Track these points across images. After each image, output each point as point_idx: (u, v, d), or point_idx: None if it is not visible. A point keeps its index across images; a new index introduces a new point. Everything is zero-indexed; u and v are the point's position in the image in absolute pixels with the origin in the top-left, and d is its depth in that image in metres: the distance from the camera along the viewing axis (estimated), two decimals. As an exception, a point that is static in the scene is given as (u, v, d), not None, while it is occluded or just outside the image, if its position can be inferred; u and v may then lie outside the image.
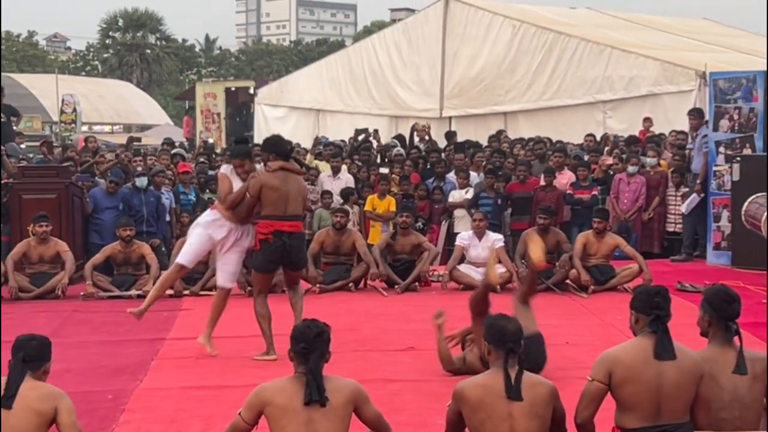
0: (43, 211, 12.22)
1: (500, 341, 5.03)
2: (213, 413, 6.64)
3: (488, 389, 4.95)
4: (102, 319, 10.52)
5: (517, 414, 4.89)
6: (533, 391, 4.96)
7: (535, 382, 5.03)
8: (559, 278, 11.82)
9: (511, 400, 4.89)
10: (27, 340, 5.13)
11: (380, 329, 9.78)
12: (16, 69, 68.17)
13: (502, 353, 5.00)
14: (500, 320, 5.16)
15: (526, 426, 4.89)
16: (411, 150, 17.16)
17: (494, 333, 5.09)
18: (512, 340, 5.03)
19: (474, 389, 5.00)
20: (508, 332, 5.05)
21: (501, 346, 5.02)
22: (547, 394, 5.01)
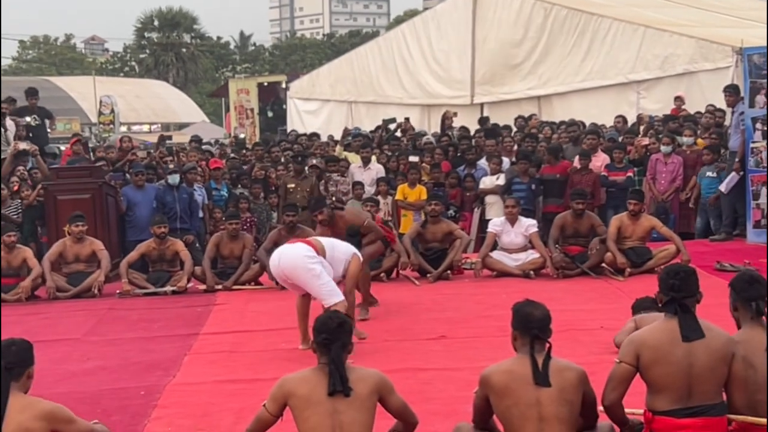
0: (78, 211, 12.31)
1: (526, 327, 4.97)
2: (244, 406, 6.62)
3: (515, 375, 4.90)
4: (137, 317, 10.57)
5: (546, 400, 4.83)
6: (562, 377, 4.89)
7: (563, 368, 4.96)
8: (594, 262, 11.70)
9: (539, 386, 4.83)
10: (7, 346, 4.86)
11: (412, 318, 9.73)
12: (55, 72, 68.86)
13: (528, 339, 4.94)
14: (526, 306, 5.10)
15: (555, 412, 4.83)
16: (442, 138, 17.08)
17: (520, 319, 5.03)
18: (538, 326, 4.96)
19: (500, 375, 4.94)
20: (534, 318, 5.00)
21: (526, 332, 4.96)
22: (575, 379, 4.94)
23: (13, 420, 4.66)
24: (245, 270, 12.02)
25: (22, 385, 4.83)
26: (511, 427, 4.89)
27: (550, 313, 5.10)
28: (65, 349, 8.93)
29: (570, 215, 11.94)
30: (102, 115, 38.27)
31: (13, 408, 4.69)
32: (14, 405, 4.71)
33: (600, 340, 8.24)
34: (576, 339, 8.53)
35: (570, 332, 8.77)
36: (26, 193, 13.60)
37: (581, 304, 10.22)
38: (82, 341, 9.42)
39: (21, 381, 4.82)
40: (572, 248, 11.92)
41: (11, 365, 4.77)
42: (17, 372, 4.80)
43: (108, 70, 74.04)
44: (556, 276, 11.64)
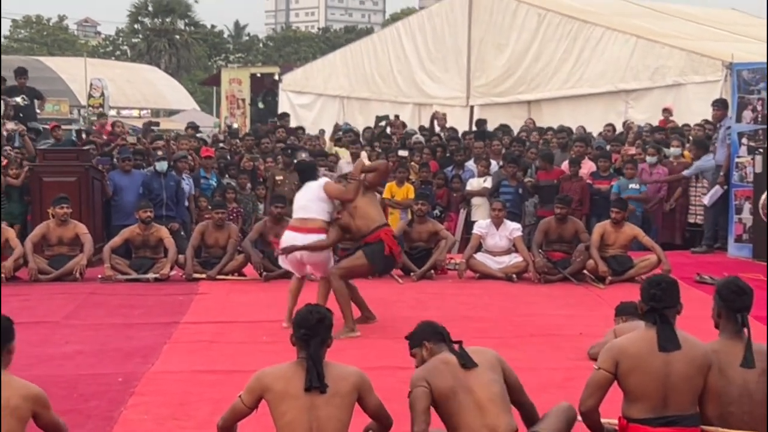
0: (64, 193, 12.29)
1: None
2: (222, 397, 6.60)
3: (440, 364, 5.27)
4: (119, 302, 10.56)
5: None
6: (481, 355, 5.28)
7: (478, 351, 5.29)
8: (575, 268, 11.75)
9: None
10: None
11: (394, 316, 9.73)
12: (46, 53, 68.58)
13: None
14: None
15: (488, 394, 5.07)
16: (431, 138, 17.12)
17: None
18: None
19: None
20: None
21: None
22: (492, 356, 5.29)
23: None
24: (229, 260, 12.03)
25: (3, 362, 4.79)
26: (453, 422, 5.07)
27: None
28: (44, 332, 8.92)
29: (554, 220, 12.00)
30: (92, 98, 38.20)
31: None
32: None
33: (579, 347, 8.28)
34: (555, 344, 8.59)
35: (549, 337, 8.85)
36: (14, 171, 13.56)
37: (561, 309, 10.27)
38: (61, 325, 9.41)
39: (1, 357, 4.79)
40: (555, 254, 11.98)
41: None
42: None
43: (100, 53, 73.79)
44: (537, 280, 11.68)
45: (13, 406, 4.67)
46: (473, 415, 4.95)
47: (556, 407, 5.27)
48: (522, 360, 7.56)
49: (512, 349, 8.09)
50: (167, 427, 6.21)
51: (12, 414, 4.65)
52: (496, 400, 4.98)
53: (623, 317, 7.89)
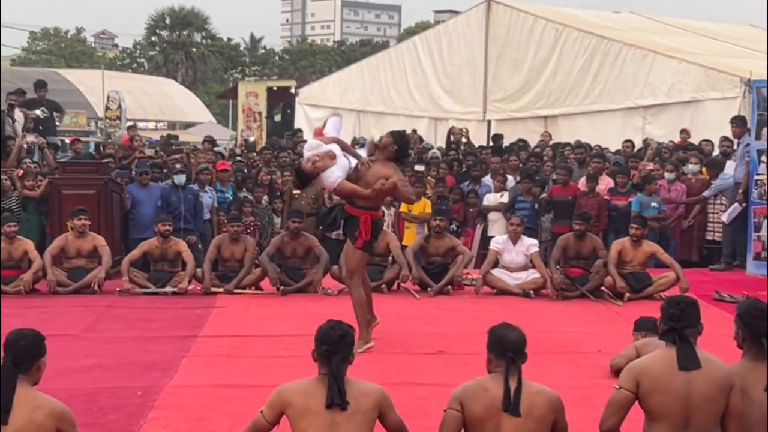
0: (82, 206, 12.34)
1: (501, 350, 4.99)
2: (241, 412, 6.64)
3: (487, 395, 4.91)
4: (137, 315, 10.59)
5: (508, 424, 4.84)
6: (531, 402, 4.90)
7: (534, 392, 4.97)
8: (593, 285, 11.74)
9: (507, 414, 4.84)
10: (15, 340, 4.82)
11: (411, 332, 9.75)
12: (64, 65, 68.92)
13: (503, 362, 4.95)
14: (502, 329, 5.10)
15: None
16: (448, 152, 17.12)
17: (495, 341, 5.05)
18: (513, 350, 4.97)
19: (476, 389, 4.96)
20: (509, 341, 5.00)
21: (501, 355, 4.98)
22: (544, 405, 4.96)
23: (23, 414, 4.65)
24: (247, 274, 12.05)
25: (31, 378, 4.82)
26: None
27: (525, 336, 5.07)
28: (63, 345, 8.91)
29: (572, 237, 11.99)
30: (109, 110, 38.34)
31: (25, 401, 4.68)
32: (25, 398, 4.70)
33: (597, 364, 8.27)
34: (573, 361, 8.58)
35: (567, 354, 8.84)
36: (30, 182, 13.63)
37: (579, 326, 10.26)
38: (80, 337, 9.44)
39: (30, 373, 4.81)
40: (573, 270, 11.97)
41: (19, 360, 4.75)
42: (27, 366, 4.78)
43: (117, 66, 74.11)
44: (555, 297, 11.67)
45: (39, 424, 4.68)
46: None
47: None
48: (540, 377, 7.48)
49: (530, 366, 7.98)
50: (187, 441, 6.22)
51: (37, 431, 4.67)
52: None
53: (642, 333, 7.88)
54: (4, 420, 4.60)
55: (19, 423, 4.63)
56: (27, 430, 4.64)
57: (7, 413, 4.62)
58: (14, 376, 4.71)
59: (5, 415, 4.61)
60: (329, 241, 13.67)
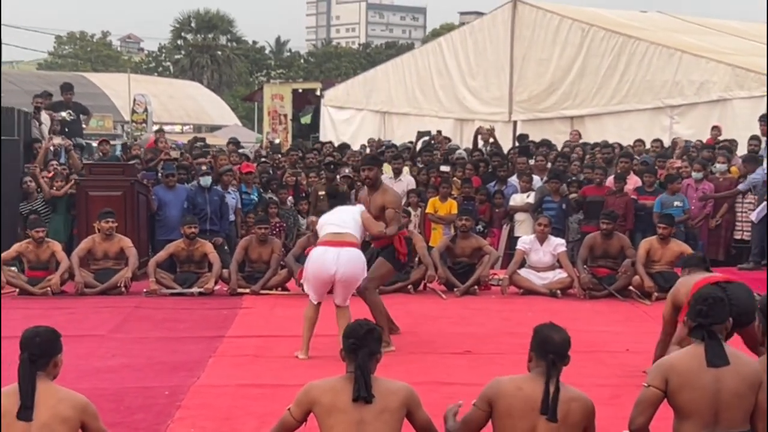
0: (109, 207, 12.39)
1: (543, 351, 4.90)
2: (267, 412, 6.63)
3: (522, 394, 4.84)
4: (163, 316, 10.63)
5: (543, 426, 4.78)
6: (567, 407, 4.83)
7: (571, 398, 4.89)
8: (621, 284, 11.68)
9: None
10: (31, 337, 4.80)
11: (437, 332, 9.74)
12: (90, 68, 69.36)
13: (543, 363, 4.88)
14: (547, 329, 5.00)
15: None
16: (473, 153, 17.09)
17: (539, 342, 4.96)
18: (556, 351, 4.89)
19: (510, 386, 4.89)
20: (554, 342, 4.92)
21: (543, 356, 4.89)
22: (580, 412, 4.89)
23: (48, 408, 4.66)
24: (273, 275, 12.07)
25: (49, 374, 4.82)
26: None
27: (569, 339, 4.99)
28: (90, 345, 8.98)
29: (599, 236, 11.93)
30: (135, 113, 38.55)
31: (47, 396, 4.69)
32: (47, 393, 4.71)
33: (625, 363, 8.22)
34: (600, 360, 8.53)
35: (595, 354, 8.77)
36: (59, 183, 13.73)
37: (607, 325, 10.21)
38: (107, 338, 9.48)
39: (47, 370, 4.81)
40: (600, 269, 11.91)
41: (35, 357, 4.75)
42: (43, 363, 4.78)
43: (143, 69, 74.49)
44: (582, 297, 11.62)
45: (64, 417, 4.69)
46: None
47: None
48: (567, 377, 7.45)
49: (558, 366, 8.05)
50: (214, 441, 6.22)
51: (63, 424, 4.68)
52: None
53: (688, 269, 7.79)
54: (28, 416, 4.62)
55: (44, 418, 4.64)
56: (52, 424, 4.65)
57: (30, 409, 4.63)
58: (32, 374, 4.72)
59: (27, 411, 4.62)
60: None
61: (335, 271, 8.52)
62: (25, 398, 4.64)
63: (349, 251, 8.59)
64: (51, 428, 4.64)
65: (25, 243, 12.16)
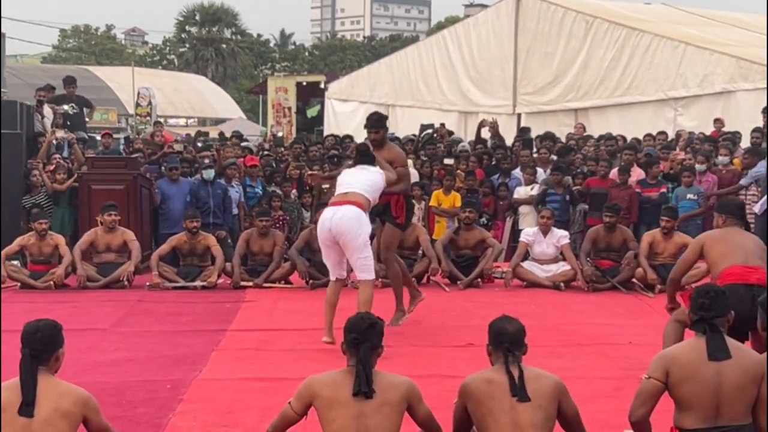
0: (112, 201, 12.38)
1: (498, 342, 4.98)
2: (269, 405, 6.62)
3: (493, 384, 4.89)
4: (166, 310, 10.63)
5: (519, 406, 4.81)
6: (537, 383, 4.88)
7: (538, 375, 4.95)
8: (624, 277, 11.66)
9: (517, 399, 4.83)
10: (32, 332, 4.80)
11: (440, 325, 9.73)
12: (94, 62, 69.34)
13: (501, 354, 4.95)
14: (500, 321, 5.09)
15: (529, 418, 4.80)
16: (477, 145, 17.05)
17: (493, 334, 5.05)
18: (510, 341, 4.95)
19: (478, 383, 4.96)
20: (506, 333, 4.98)
21: (499, 346, 4.97)
22: (550, 387, 4.92)
23: (49, 403, 4.66)
24: (276, 268, 12.06)
25: (51, 368, 4.82)
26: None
27: (524, 328, 5.06)
28: (93, 339, 8.98)
29: (603, 229, 11.91)
30: (139, 106, 38.49)
31: (48, 391, 4.69)
32: (49, 388, 4.70)
33: (628, 356, 8.21)
34: (604, 353, 8.52)
35: (598, 346, 8.78)
36: (61, 176, 13.73)
37: (610, 318, 10.19)
38: (110, 332, 9.47)
39: (49, 364, 4.81)
40: (604, 262, 11.90)
41: (36, 352, 4.74)
42: (45, 357, 4.78)
43: (147, 63, 74.50)
44: (586, 289, 11.61)
45: (65, 411, 4.69)
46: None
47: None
48: (571, 369, 7.51)
49: (560, 359, 8.04)
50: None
51: (64, 419, 4.68)
52: (537, 425, 4.82)
53: (723, 216, 7.47)
54: (29, 412, 4.61)
55: (46, 413, 4.63)
56: (53, 419, 4.64)
57: (31, 405, 4.62)
58: (34, 369, 4.71)
59: (29, 407, 4.62)
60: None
61: (329, 228, 8.48)
62: (26, 394, 4.64)
63: (345, 208, 8.48)
64: (52, 424, 4.64)
65: (28, 236, 12.17)
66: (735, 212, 7.54)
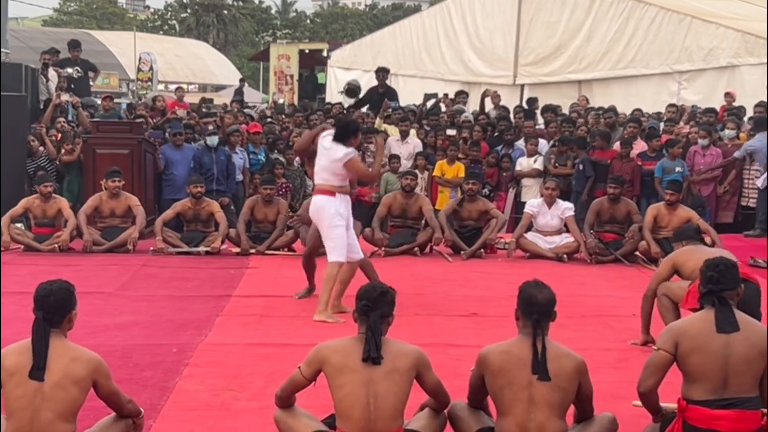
0: (116, 166, 12.39)
1: (528, 310, 4.90)
2: (275, 370, 6.66)
3: (511, 356, 4.86)
4: (170, 275, 10.65)
5: (538, 383, 4.80)
6: (558, 363, 4.84)
7: (561, 354, 4.89)
8: (628, 249, 11.69)
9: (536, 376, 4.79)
10: (45, 296, 4.76)
11: (443, 294, 9.75)
12: (96, 26, 69.00)
13: (529, 323, 4.88)
14: (531, 288, 4.98)
15: (546, 396, 4.79)
16: (479, 116, 17.02)
17: (523, 300, 4.95)
18: (540, 311, 4.88)
19: (497, 355, 4.92)
20: (537, 302, 4.91)
21: (528, 315, 4.89)
22: (572, 368, 4.87)
23: (60, 368, 4.66)
24: (279, 235, 12.08)
25: (63, 330, 4.81)
26: (502, 406, 4.88)
27: (554, 296, 4.97)
28: (98, 303, 9.00)
29: (606, 201, 11.92)
30: (140, 71, 38.38)
31: (60, 355, 4.69)
32: (61, 352, 4.70)
33: (631, 327, 8.23)
34: (607, 325, 8.57)
35: (601, 318, 8.82)
36: (68, 146, 13.72)
37: (613, 290, 10.22)
38: (115, 295, 9.50)
39: (62, 326, 4.80)
40: (607, 234, 11.91)
41: (50, 315, 4.73)
42: (57, 320, 4.77)
43: (148, 28, 74.12)
44: (589, 261, 11.63)
45: (76, 377, 4.69)
46: (523, 407, 4.83)
47: (600, 417, 5.14)
48: (574, 341, 7.51)
49: (564, 330, 8.03)
50: (222, 398, 6.23)
51: (75, 384, 4.68)
52: (553, 404, 4.82)
53: (683, 242, 7.71)
54: (40, 376, 4.61)
55: (56, 376, 4.64)
56: (64, 383, 4.65)
57: (42, 369, 4.62)
58: (47, 333, 4.71)
59: (39, 371, 4.62)
60: (361, 204, 13.66)
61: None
62: (38, 358, 4.63)
63: (314, 198, 8.90)
64: (63, 387, 4.64)
65: (32, 198, 12.19)
66: (693, 236, 7.78)
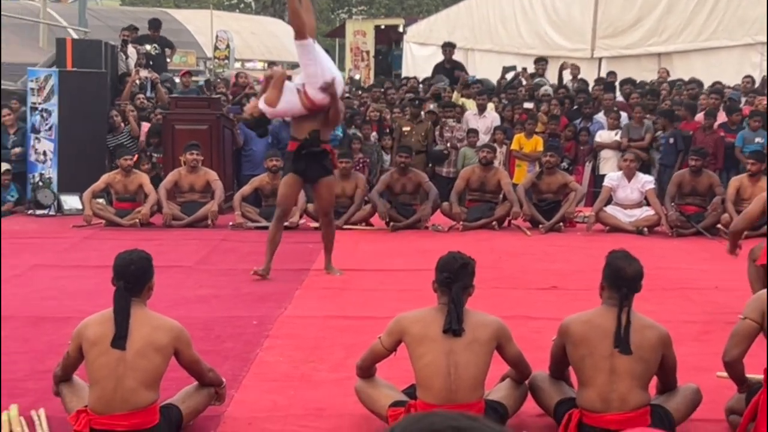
0: (195, 141, 12.49)
1: (615, 283, 4.81)
2: (354, 342, 6.66)
3: (593, 325, 4.81)
4: (249, 249, 10.71)
5: (620, 354, 4.73)
6: (642, 335, 4.76)
7: (645, 326, 4.82)
8: (709, 222, 11.50)
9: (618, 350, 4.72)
10: (125, 266, 4.82)
11: (522, 268, 9.70)
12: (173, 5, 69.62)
13: (615, 295, 4.79)
14: (620, 260, 4.87)
15: (629, 367, 4.72)
16: (558, 89, 16.85)
17: (611, 272, 4.85)
18: (628, 284, 4.79)
19: (579, 325, 4.86)
20: (626, 275, 4.81)
21: (615, 288, 4.80)
22: (655, 339, 4.79)
23: (142, 336, 4.73)
24: (357, 210, 12.10)
25: (143, 298, 4.89)
26: (584, 377, 4.84)
27: (642, 269, 4.87)
28: (179, 276, 9.12)
29: (688, 173, 11.74)
30: (217, 50, 38.63)
31: (141, 323, 4.76)
32: (142, 320, 4.78)
33: (713, 300, 8.13)
34: (688, 297, 8.45)
35: (683, 290, 8.70)
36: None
37: (695, 263, 10.07)
38: (195, 269, 9.62)
39: (142, 295, 4.87)
40: (689, 207, 11.73)
41: (130, 284, 4.80)
42: (138, 289, 4.84)
43: (225, 6, 74.55)
44: (670, 234, 11.47)
45: (158, 345, 4.76)
46: (605, 378, 4.77)
47: (684, 387, 5.07)
48: (655, 313, 7.36)
49: (645, 302, 7.84)
50: (302, 370, 6.26)
51: (157, 352, 4.75)
52: (635, 375, 4.76)
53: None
54: (122, 345, 4.69)
55: (138, 345, 4.71)
56: (147, 351, 4.72)
57: (124, 338, 4.70)
58: (128, 302, 4.78)
59: (121, 340, 4.70)
60: (439, 177, 13.62)
61: None
62: (120, 328, 4.71)
63: None
64: (145, 356, 4.72)
65: (114, 173, 12.38)
66: None
